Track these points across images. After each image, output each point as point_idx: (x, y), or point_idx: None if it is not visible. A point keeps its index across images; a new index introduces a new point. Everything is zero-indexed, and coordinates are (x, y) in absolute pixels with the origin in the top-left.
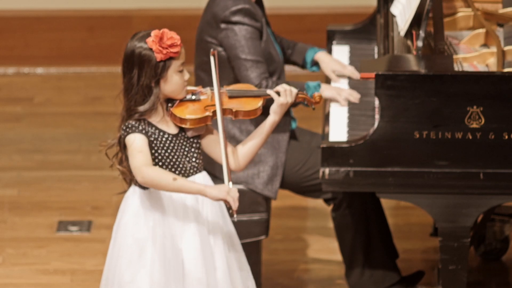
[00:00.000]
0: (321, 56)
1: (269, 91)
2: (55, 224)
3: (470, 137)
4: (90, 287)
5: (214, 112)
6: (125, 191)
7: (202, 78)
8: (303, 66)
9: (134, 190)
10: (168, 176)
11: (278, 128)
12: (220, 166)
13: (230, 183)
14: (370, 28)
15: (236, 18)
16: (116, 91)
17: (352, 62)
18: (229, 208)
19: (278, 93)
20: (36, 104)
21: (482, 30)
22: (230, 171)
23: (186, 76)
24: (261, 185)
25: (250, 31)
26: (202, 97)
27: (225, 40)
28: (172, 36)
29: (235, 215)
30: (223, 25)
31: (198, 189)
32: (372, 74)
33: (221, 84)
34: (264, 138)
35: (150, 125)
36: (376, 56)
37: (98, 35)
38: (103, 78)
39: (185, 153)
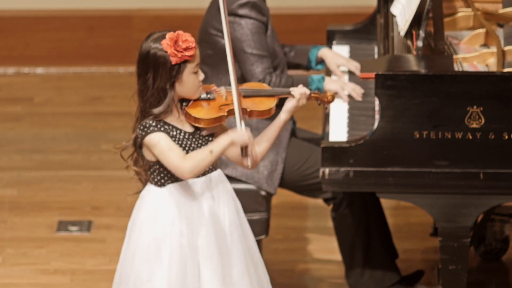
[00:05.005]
0: (325, 52)
1: (292, 90)
2: (55, 224)
3: (470, 137)
4: (90, 287)
5: (229, 112)
6: (139, 191)
7: (205, 72)
8: (307, 66)
9: (149, 189)
10: (205, 154)
11: None
12: (228, 166)
13: (243, 122)
14: (370, 28)
15: (243, 11)
16: (117, 91)
17: None
18: (244, 151)
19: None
20: (36, 104)
21: (482, 30)
22: (242, 113)
23: (201, 76)
24: (261, 180)
25: (256, 25)
26: (216, 96)
27: (231, 33)
28: (187, 39)
29: (249, 159)
30: (229, 18)
31: (228, 142)
32: (372, 74)
33: (223, 75)
34: (275, 137)
35: (167, 124)
36: (376, 56)
37: (98, 35)
38: (103, 78)
39: None
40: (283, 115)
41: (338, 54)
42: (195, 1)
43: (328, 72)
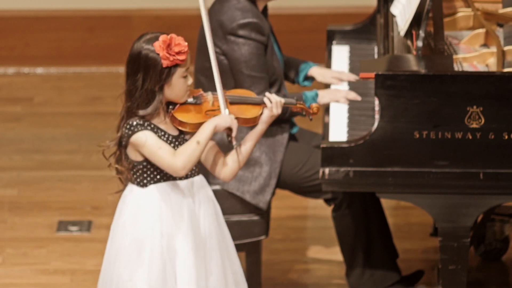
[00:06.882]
0: (315, 70)
1: (265, 100)
2: (55, 224)
3: (470, 137)
4: (90, 287)
5: None
6: (121, 190)
7: (202, 83)
8: (293, 80)
9: (131, 189)
10: (193, 147)
11: (275, 138)
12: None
13: (227, 110)
14: (370, 28)
15: (243, 32)
16: (116, 91)
17: (352, 62)
18: (228, 135)
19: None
20: (36, 104)
21: (482, 30)
22: (226, 100)
23: (190, 81)
24: (251, 194)
25: (256, 47)
26: (203, 102)
27: (230, 53)
28: (179, 43)
29: (234, 141)
30: (229, 37)
31: (212, 128)
32: (372, 74)
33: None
34: (252, 148)
35: (152, 124)
36: (376, 56)
37: (98, 35)
38: (103, 78)
39: None
40: (259, 126)
41: (329, 69)
42: (195, 1)
43: (327, 86)
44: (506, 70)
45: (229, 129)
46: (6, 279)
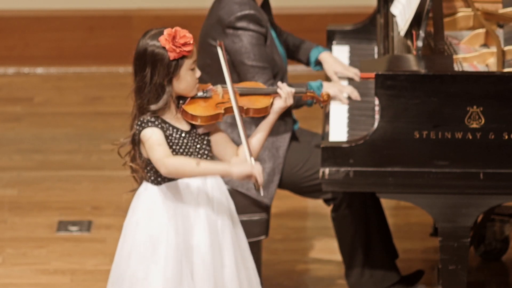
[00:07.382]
0: (324, 56)
1: (278, 91)
2: (55, 224)
3: (470, 137)
4: (90, 287)
5: (226, 110)
6: (135, 190)
7: (205, 81)
8: (307, 64)
9: (146, 187)
10: (191, 162)
11: (278, 134)
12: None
13: (252, 158)
14: (370, 28)
15: (241, 24)
16: (116, 91)
17: (352, 62)
18: (255, 184)
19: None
20: (36, 104)
21: (482, 30)
22: (250, 147)
23: (198, 73)
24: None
25: (255, 37)
26: (213, 94)
27: (230, 46)
28: (185, 35)
29: (261, 190)
30: (228, 31)
31: (223, 170)
32: (372, 74)
33: (222, 84)
34: (265, 139)
35: (164, 122)
36: (376, 56)
37: (98, 35)
38: (103, 78)
39: (197, 149)
40: (271, 116)
41: (337, 61)
42: (195, 1)
43: (329, 79)
44: (506, 70)
45: (254, 178)
46: (6, 279)
